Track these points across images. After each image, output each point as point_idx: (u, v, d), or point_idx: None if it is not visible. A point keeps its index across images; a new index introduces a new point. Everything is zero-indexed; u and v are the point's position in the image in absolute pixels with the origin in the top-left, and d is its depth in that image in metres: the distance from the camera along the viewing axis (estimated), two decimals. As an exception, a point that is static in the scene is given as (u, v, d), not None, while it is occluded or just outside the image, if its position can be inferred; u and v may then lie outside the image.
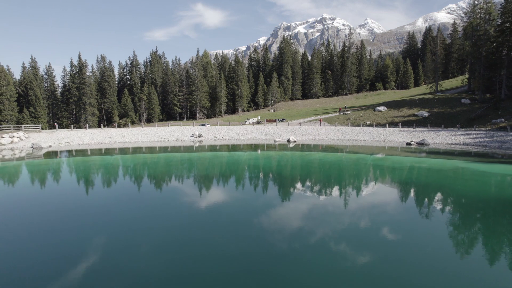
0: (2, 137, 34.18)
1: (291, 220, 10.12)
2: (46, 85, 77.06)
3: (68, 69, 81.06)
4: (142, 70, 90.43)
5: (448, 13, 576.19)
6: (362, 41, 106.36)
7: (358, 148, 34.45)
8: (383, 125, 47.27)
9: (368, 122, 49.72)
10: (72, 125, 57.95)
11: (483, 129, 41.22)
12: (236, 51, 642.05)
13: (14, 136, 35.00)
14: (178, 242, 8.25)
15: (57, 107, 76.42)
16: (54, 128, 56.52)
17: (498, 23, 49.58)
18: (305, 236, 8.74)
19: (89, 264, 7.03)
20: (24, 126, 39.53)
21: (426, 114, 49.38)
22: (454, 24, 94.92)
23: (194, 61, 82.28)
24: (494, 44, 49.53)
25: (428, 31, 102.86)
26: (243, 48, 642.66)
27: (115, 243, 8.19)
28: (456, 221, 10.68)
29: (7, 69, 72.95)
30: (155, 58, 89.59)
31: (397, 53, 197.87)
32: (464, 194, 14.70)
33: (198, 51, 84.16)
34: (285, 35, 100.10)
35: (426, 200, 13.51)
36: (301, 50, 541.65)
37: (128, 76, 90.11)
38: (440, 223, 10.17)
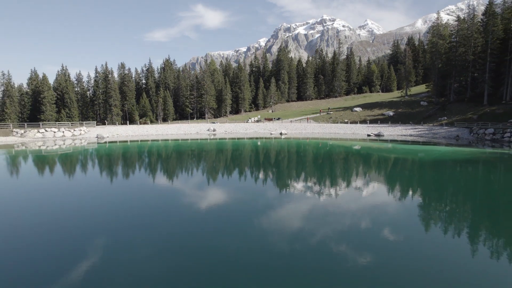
0: (74, 130, 48.29)
1: (273, 182, 23.83)
2: (77, 89, 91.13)
3: (92, 75, 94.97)
4: (156, 75, 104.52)
5: (448, 14, 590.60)
6: (351, 49, 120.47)
7: (330, 138, 48.55)
8: (356, 122, 61.26)
9: (346, 120, 63.67)
10: (117, 122, 72.26)
11: (430, 125, 55.15)
12: (236, 52, 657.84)
13: (81, 130, 49.08)
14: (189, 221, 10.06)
15: (85, 108, 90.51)
16: (104, 124, 70.90)
17: (448, 42, 63.67)
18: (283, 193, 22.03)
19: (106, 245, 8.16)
20: (85, 123, 53.64)
21: (391, 113, 63.37)
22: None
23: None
24: (446, 59, 63.49)
25: (410, 39, 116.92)
26: (244, 49, 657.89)
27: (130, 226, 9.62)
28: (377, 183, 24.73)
29: (42, 75, 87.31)
30: (168, 65, 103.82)
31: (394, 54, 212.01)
32: (380, 159, 28.85)
33: (207, 59, 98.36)
34: (282, 45, 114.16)
35: (362, 164, 27.70)
36: (301, 51, 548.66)
37: (144, 81, 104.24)
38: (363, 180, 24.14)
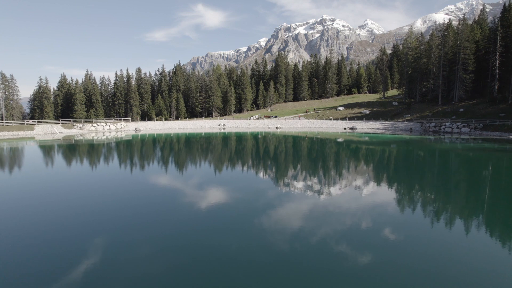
0: (116, 124, 63.83)
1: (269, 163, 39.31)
2: (101, 91, 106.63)
3: (112, 79, 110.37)
4: (168, 79, 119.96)
5: (447, 14, 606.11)
6: (342, 54, 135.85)
7: (316, 132, 63.97)
8: (338, 119, 76.66)
9: (330, 117, 79.05)
10: (150, 118, 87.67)
11: (395, 120, 70.40)
12: (237, 52, 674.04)
13: (121, 124, 64.63)
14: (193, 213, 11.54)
15: (108, 107, 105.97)
16: (137, 120, 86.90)
17: (414, 53, 79.01)
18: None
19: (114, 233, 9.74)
20: (123, 119, 69.21)
21: (368, 112, 78.74)
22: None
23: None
24: (413, 67, 78.78)
25: (395, 46, 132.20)
26: (244, 49, 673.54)
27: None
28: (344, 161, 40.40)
29: (71, 79, 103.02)
30: (178, 69, 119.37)
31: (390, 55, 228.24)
32: (346, 143, 44.47)
33: (214, 66, 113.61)
34: (281, 47, 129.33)
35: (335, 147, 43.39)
36: (302, 51, 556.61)
37: (157, 83, 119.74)
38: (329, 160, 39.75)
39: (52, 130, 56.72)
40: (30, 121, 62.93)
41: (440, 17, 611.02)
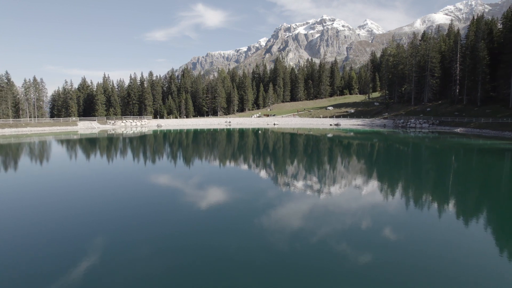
0: (141, 121, 78.11)
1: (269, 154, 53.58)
2: (118, 92, 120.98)
3: (127, 81, 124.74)
4: (176, 81, 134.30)
5: (446, 14, 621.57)
6: (336, 58, 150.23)
7: (305, 127, 78.25)
8: (326, 117, 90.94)
9: (320, 116, 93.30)
10: (162, 117, 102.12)
11: (373, 118, 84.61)
12: (237, 52, 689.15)
13: (145, 121, 78.89)
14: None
15: (124, 107, 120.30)
16: (157, 118, 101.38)
17: (391, 61, 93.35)
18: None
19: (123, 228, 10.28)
20: (145, 117, 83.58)
21: (352, 111, 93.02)
22: (402, 45, 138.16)
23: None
24: (392, 72, 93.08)
25: (385, 50, 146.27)
26: (244, 48, 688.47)
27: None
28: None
29: (90, 82, 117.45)
30: (186, 73, 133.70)
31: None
32: (331, 138, 59.00)
33: (219, 70, 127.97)
34: (279, 54, 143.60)
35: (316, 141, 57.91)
36: (301, 51, 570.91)
37: (167, 85, 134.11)
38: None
39: (91, 126, 70.91)
40: (74, 118, 77.19)
41: (440, 17, 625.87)
